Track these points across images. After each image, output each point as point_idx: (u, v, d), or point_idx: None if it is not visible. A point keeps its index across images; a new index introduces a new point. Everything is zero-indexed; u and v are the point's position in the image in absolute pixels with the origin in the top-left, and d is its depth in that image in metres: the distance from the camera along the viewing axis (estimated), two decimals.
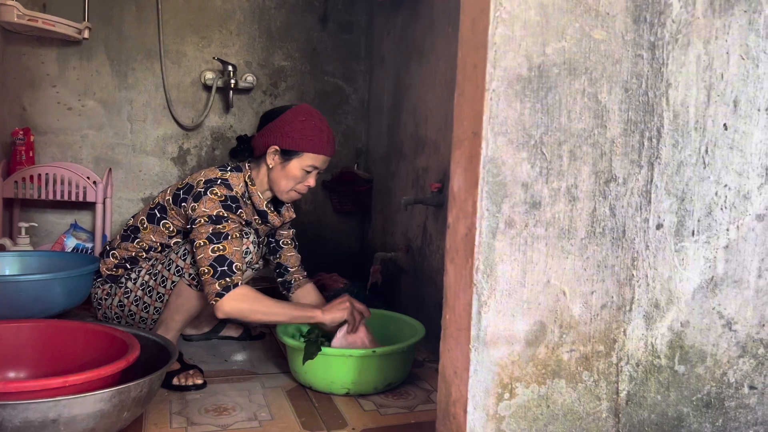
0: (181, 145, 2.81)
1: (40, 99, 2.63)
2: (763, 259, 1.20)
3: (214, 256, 1.62)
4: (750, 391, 1.22)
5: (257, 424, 1.47)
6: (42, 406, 1.15)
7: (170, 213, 1.81)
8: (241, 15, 2.82)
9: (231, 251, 1.64)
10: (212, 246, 1.63)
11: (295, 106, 1.84)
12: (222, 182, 1.74)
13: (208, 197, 1.70)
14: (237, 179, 1.79)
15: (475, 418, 1.08)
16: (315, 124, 1.78)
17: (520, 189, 1.06)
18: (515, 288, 1.08)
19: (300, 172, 1.78)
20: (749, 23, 1.15)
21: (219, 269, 1.61)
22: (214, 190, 1.71)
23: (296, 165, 1.77)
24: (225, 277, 1.61)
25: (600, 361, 1.14)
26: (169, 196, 1.82)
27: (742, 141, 1.17)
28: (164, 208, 1.83)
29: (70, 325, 1.58)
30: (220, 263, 1.62)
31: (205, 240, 1.64)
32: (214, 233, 1.65)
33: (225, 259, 1.62)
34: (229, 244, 1.65)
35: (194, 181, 1.77)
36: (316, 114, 1.83)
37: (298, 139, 1.76)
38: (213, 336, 2.12)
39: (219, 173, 1.78)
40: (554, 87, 1.06)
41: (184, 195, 1.77)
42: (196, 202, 1.70)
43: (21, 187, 2.40)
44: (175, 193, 1.80)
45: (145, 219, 1.85)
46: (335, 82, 2.99)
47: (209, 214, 1.67)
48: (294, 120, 1.78)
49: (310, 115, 1.81)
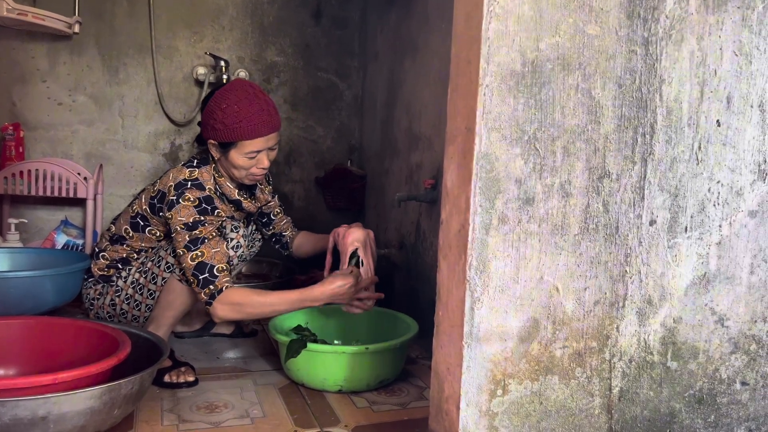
0: (172, 141, 2.79)
1: (30, 94, 2.61)
2: (755, 255, 1.20)
3: (194, 264, 1.61)
4: (742, 387, 1.23)
5: (249, 422, 1.46)
6: (31, 403, 1.14)
7: (152, 221, 1.79)
8: (233, 10, 2.81)
9: (210, 255, 1.62)
10: (191, 254, 1.62)
11: (221, 89, 1.71)
12: (192, 184, 1.69)
13: (182, 204, 1.66)
14: (207, 174, 1.73)
15: (468, 414, 1.08)
16: (239, 109, 1.65)
17: (514, 185, 1.06)
18: (508, 284, 1.08)
19: (243, 160, 1.70)
20: (742, 19, 1.15)
21: (201, 277, 1.61)
22: (187, 196, 1.66)
23: (236, 155, 1.69)
24: (208, 285, 1.60)
25: (593, 358, 1.14)
26: (145, 205, 1.79)
27: (735, 137, 1.17)
28: (145, 216, 1.80)
29: (60, 322, 1.57)
30: (200, 271, 1.61)
31: (183, 249, 1.63)
32: (191, 240, 1.63)
33: (205, 265, 1.61)
34: (206, 248, 1.62)
35: (165, 187, 1.72)
36: (241, 93, 1.67)
37: (224, 130, 1.66)
38: (205, 333, 2.11)
39: (187, 172, 1.71)
40: (548, 82, 1.06)
41: (159, 203, 1.74)
42: (171, 211, 1.66)
43: (11, 183, 2.38)
44: (151, 203, 1.77)
45: (130, 228, 1.81)
46: (329, 78, 2.98)
47: (185, 222, 1.64)
48: (215, 110, 1.67)
49: (234, 97, 1.67)
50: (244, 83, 1.73)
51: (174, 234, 1.66)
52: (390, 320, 1.91)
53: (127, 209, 1.87)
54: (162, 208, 1.72)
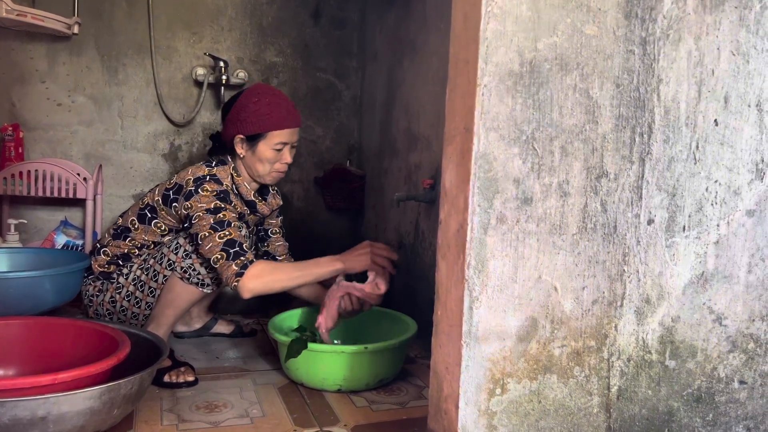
0: (172, 142, 2.79)
1: (30, 95, 2.61)
2: (753, 254, 1.21)
3: (223, 242, 1.65)
4: (740, 386, 1.23)
5: (249, 421, 1.46)
6: (31, 403, 1.15)
7: (161, 213, 1.81)
8: (232, 10, 2.81)
9: (237, 235, 1.67)
10: (218, 233, 1.65)
11: (247, 89, 1.85)
12: (211, 178, 1.75)
13: (201, 194, 1.71)
14: (224, 172, 1.80)
15: (467, 413, 1.08)
16: (269, 101, 1.78)
17: (512, 185, 1.06)
18: (507, 284, 1.08)
19: (271, 153, 1.79)
20: (740, 19, 1.15)
21: (231, 251, 1.64)
22: (206, 187, 1.72)
23: (264, 147, 1.78)
24: (239, 257, 1.63)
25: (591, 357, 1.14)
26: (158, 197, 1.82)
27: (733, 137, 1.17)
28: (154, 208, 1.82)
29: (60, 323, 1.57)
30: (230, 246, 1.64)
31: (209, 230, 1.66)
32: (217, 222, 1.67)
33: (234, 241, 1.65)
34: (233, 230, 1.67)
35: (183, 180, 1.77)
36: (268, 90, 1.83)
37: (256, 121, 1.77)
38: (204, 333, 2.11)
39: (206, 170, 1.79)
40: (546, 82, 1.06)
41: (174, 195, 1.77)
42: (190, 200, 1.71)
43: (10, 184, 2.38)
44: (165, 194, 1.80)
45: (136, 219, 1.84)
46: (327, 79, 2.98)
47: (206, 207, 1.69)
48: (248, 104, 1.79)
49: (263, 93, 1.81)
50: (269, 86, 1.88)
51: (196, 220, 1.68)
52: (389, 320, 1.92)
53: (137, 203, 1.90)
54: (177, 199, 1.76)
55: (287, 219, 2.85)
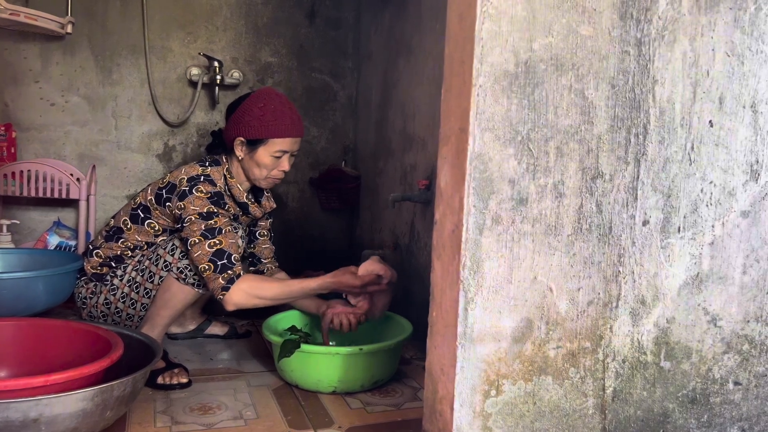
0: (166, 142, 2.78)
1: (23, 94, 2.59)
2: (747, 255, 1.21)
3: (212, 252, 1.63)
4: (735, 387, 1.23)
5: (243, 423, 1.46)
6: (23, 405, 1.14)
7: (154, 213, 1.80)
8: (227, 10, 2.80)
9: (227, 244, 1.65)
10: (208, 242, 1.64)
11: (255, 93, 1.83)
12: (205, 179, 1.74)
13: (195, 195, 1.70)
14: (217, 173, 1.79)
15: (462, 415, 1.08)
16: (275, 108, 1.76)
17: (507, 185, 1.06)
18: (502, 285, 1.08)
19: (269, 159, 1.78)
20: (735, 20, 1.15)
21: (219, 263, 1.62)
22: (200, 188, 1.71)
23: (264, 153, 1.77)
24: (226, 270, 1.62)
25: (586, 358, 1.14)
26: (151, 196, 1.81)
27: (728, 138, 1.17)
28: (147, 208, 1.81)
29: (52, 324, 1.56)
30: (219, 257, 1.63)
31: (199, 237, 1.64)
32: (208, 229, 1.65)
33: (223, 252, 1.63)
34: (224, 238, 1.66)
35: (176, 179, 1.76)
36: (276, 97, 1.80)
37: (259, 126, 1.75)
38: (198, 334, 2.10)
39: (200, 169, 1.77)
40: (541, 83, 1.06)
41: (168, 194, 1.76)
42: (183, 201, 1.69)
43: (2, 184, 2.37)
44: (158, 193, 1.79)
45: (128, 220, 1.82)
46: (323, 79, 2.98)
47: (199, 211, 1.67)
48: (253, 108, 1.77)
49: (270, 99, 1.79)
50: (276, 91, 1.84)
51: (187, 224, 1.67)
52: (384, 321, 1.91)
53: (129, 203, 1.89)
54: (170, 198, 1.75)
55: (282, 220, 2.85)
